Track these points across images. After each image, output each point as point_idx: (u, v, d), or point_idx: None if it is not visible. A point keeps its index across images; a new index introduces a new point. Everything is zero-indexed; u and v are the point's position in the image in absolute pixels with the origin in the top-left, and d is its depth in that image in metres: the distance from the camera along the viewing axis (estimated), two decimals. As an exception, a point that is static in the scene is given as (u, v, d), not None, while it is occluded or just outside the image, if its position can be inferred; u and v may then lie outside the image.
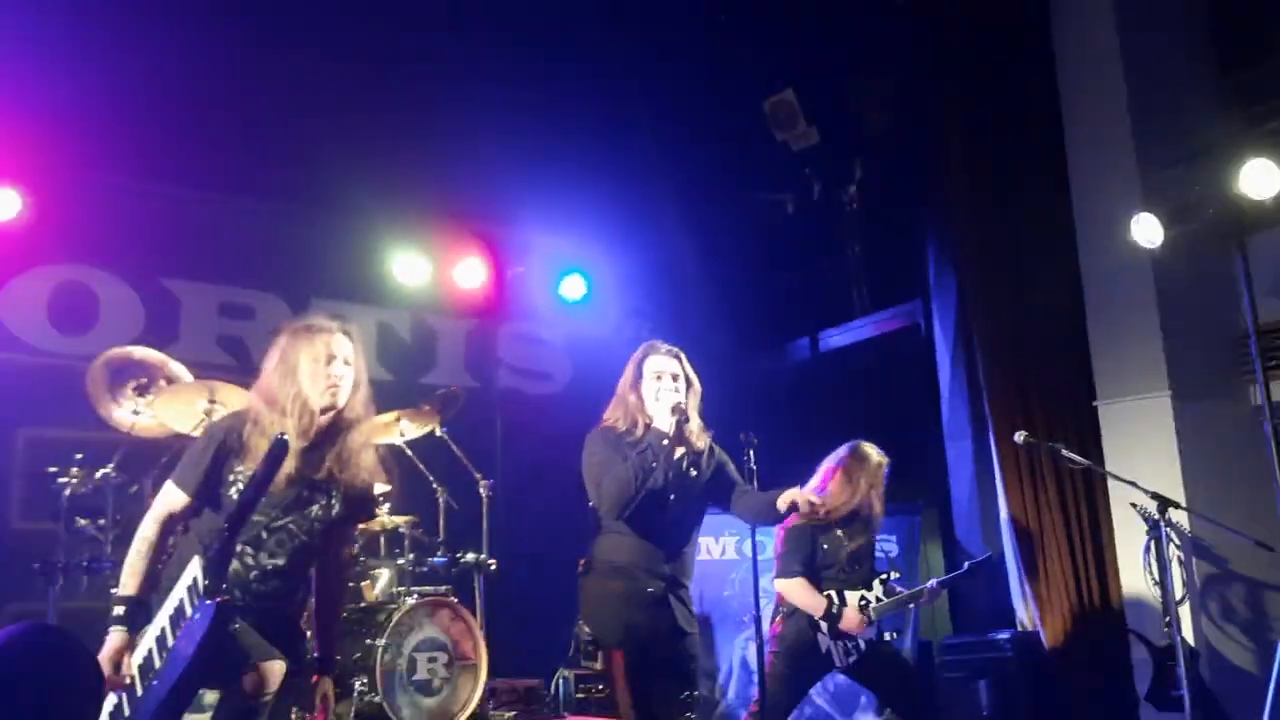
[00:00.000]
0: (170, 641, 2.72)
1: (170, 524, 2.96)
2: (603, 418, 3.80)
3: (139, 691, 2.71)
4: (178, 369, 4.91)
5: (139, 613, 2.82)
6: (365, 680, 4.50)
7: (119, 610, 2.79)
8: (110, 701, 2.72)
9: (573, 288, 7.44)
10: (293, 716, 4.02)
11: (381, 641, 4.49)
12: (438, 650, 4.67)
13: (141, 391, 4.75)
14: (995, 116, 5.99)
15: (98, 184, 5.83)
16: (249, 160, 6.14)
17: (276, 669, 2.98)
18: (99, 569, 4.40)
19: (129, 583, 2.85)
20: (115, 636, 2.76)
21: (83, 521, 4.55)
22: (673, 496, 3.62)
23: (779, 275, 7.82)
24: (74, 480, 4.52)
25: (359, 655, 4.55)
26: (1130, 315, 5.39)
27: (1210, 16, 5.66)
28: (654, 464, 3.56)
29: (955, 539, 6.40)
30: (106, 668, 2.70)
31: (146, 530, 2.92)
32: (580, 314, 7.46)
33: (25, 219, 5.54)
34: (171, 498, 2.96)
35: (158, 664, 2.71)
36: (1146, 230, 5.03)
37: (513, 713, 5.04)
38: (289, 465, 2.93)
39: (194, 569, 2.77)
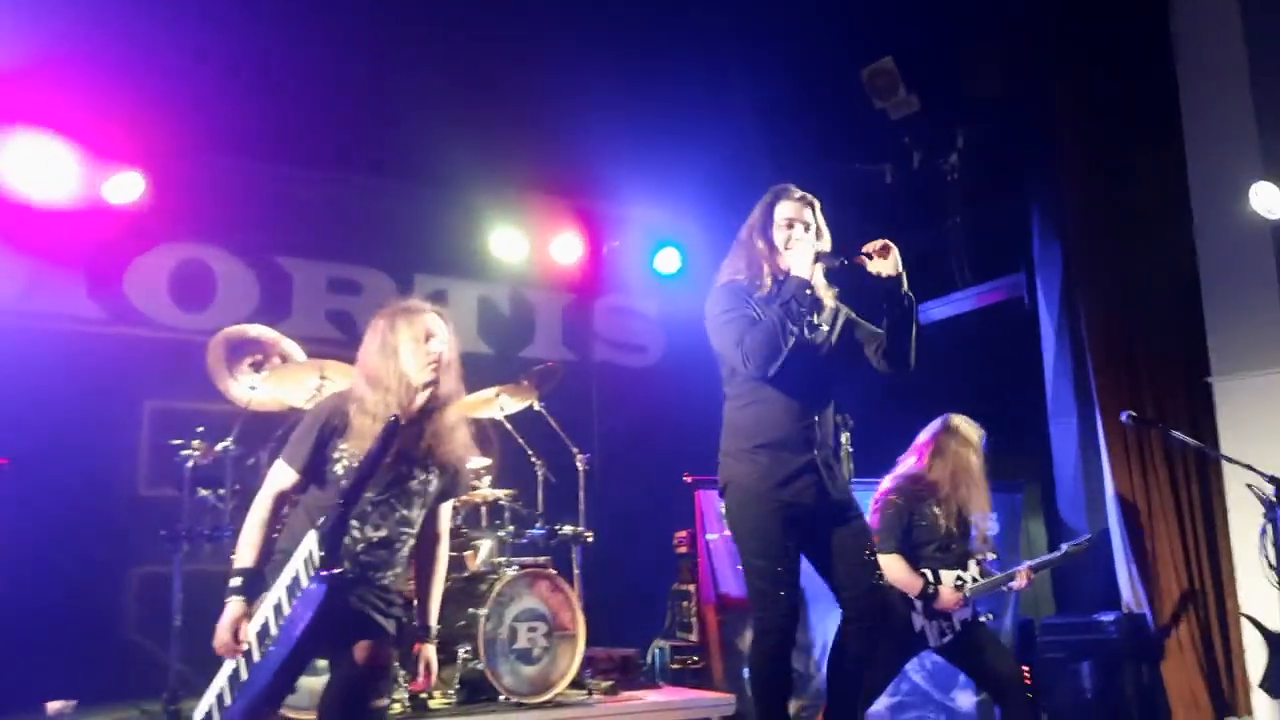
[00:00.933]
0: (286, 611, 2.87)
1: (281, 499, 3.10)
2: (719, 272, 3.50)
3: (256, 657, 2.87)
4: (290, 346, 5.09)
5: (255, 583, 2.96)
6: (469, 648, 4.66)
7: (236, 581, 2.94)
8: (229, 666, 2.89)
9: (668, 261, 7.46)
10: (400, 680, 4.25)
11: (484, 610, 4.62)
12: (537, 620, 4.77)
13: (257, 367, 4.94)
14: (1104, 82, 5.76)
15: (214, 166, 6.09)
16: (354, 140, 6.34)
17: (385, 641, 3.12)
18: (219, 537, 4.61)
19: (245, 555, 3.00)
20: (234, 605, 2.92)
21: (204, 491, 4.74)
22: (818, 351, 3.34)
23: (878, 246, 7.67)
24: (196, 452, 4.70)
25: (463, 623, 4.70)
26: (1248, 287, 5.19)
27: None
28: (800, 314, 3.25)
29: (1058, 517, 6.26)
30: (225, 634, 2.87)
31: (260, 506, 3.07)
32: (674, 287, 7.48)
33: (148, 200, 5.82)
34: (281, 475, 3.10)
35: (274, 632, 2.86)
36: (1267, 199, 4.83)
37: (610, 681, 5.13)
38: (389, 443, 3.05)
39: (309, 542, 2.90)
